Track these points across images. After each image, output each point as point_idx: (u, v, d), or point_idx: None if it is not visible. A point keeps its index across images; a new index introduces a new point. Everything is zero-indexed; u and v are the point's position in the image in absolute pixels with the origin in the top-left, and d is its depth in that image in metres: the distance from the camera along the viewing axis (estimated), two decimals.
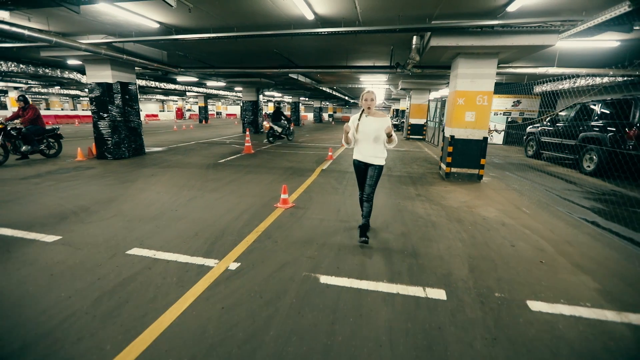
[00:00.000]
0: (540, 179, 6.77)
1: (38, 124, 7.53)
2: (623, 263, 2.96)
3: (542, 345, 1.88)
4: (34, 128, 7.44)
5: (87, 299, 2.24)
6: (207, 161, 7.96)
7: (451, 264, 2.84)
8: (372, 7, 4.71)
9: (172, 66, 8.95)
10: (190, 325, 1.98)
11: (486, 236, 3.51)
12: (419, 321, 2.07)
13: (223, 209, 4.24)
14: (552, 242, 3.40)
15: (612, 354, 1.82)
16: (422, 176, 6.66)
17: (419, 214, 4.19)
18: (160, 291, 2.34)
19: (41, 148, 7.70)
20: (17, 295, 2.28)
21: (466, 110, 5.93)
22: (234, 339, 1.88)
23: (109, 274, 2.57)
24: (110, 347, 1.80)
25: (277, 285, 2.44)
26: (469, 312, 2.17)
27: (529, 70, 7.09)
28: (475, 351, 1.82)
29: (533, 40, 4.74)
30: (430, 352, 1.80)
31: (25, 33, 4.96)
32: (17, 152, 7.26)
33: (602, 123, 7.24)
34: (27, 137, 7.33)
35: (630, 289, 2.52)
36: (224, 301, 2.24)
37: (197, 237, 3.31)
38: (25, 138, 7.33)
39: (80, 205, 4.30)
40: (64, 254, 2.92)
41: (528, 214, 4.34)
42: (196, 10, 4.87)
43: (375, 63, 9.85)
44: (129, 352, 1.76)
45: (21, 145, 7.30)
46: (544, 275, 2.69)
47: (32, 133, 7.38)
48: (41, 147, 7.70)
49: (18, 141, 7.24)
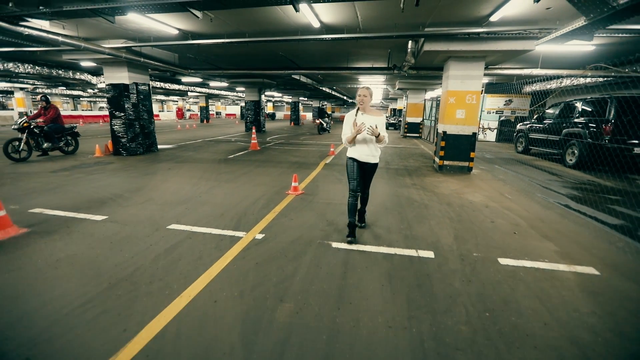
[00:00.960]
0: (526, 172, 7.38)
1: (58, 123, 8.00)
2: (583, 234, 3.56)
3: (505, 284, 2.46)
4: (55, 126, 7.91)
5: (147, 257, 2.81)
6: (217, 157, 8.52)
7: (439, 235, 3.43)
8: (371, 16, 5.29)
9: (183, 68, 9.50)
10: (233, 274, 2.55)
11: (471, 215, 4.09)
12: (412, 271, 2.65)
13: (240, 196, 4.81)
14: (527, 219, 3.99)
15: (557, 289, 2.41)
16: (418, 169, 7.25)
17: (414, 199, 4.77)
18: (203, 253, 2.91)
19: (60, 145, 8.18)
20: (90, 256, 2.83)
21: (457, 108, 6.53)
22: (269, 281, 2.45)
23: (158, 242, 3.14)
24: (176, 286, 2.36)
25: (297, 249, 3.02)
26: (451, 265, 2.76)
27: (515, 71, 7.71)
28: (454, 288, 2.40)
29: (514, 46, 5.34)
30: (419, 289, 2.38)
31: (60, 39, 5.50)
32: (39, 148, 7.75)
33: (582, 120, 7.86)
34: (49, 134, 7.80)
35: (583, 251, 3.11)
36: (256, 259, 2.81)
37: (223, 217, 3.87)
38: (46, 136, 7.80)
39: (114, 193, 4.85)
40: (115, 228, 3.48)
41: (510, 199, 4.93)
42: (215, 19, 5.43)
43: (373, 65, 10.44)
44: (192, 289, 2.33)
45: (43, 142, 7.78)
46: (515, 242, 3.28)
47: (52, 131, 7.86)
48: (60, 144, 8.18)
49: (40, 138, 7.72)
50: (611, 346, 1.83)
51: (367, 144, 3.05)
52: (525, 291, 2.37)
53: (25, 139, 7.35)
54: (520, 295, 2.32)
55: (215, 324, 1.96)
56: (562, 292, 2.38)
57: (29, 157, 7.52)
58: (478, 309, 2.15)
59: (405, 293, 2.33)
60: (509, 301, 2.24)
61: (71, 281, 2.41)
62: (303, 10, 4.62)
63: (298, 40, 5.91)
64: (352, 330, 1.92)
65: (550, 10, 4.50)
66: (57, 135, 8.05)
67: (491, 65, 7.39)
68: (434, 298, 2.27)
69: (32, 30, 5.09)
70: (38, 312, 2.04)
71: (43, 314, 2.02)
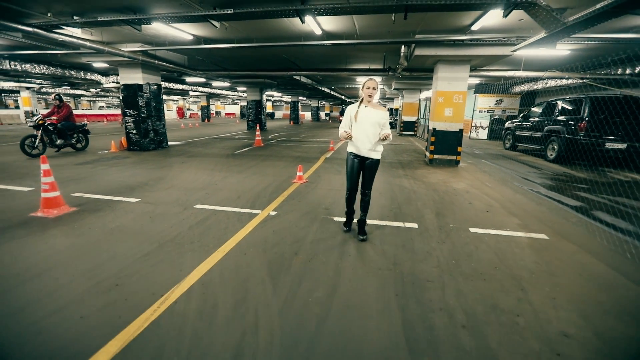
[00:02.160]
0: (510, 165, 8.07)
1: (70, 120, 8.34)
2: (545, 212, 4.22)
3: (471, 244, 3.12)
4: (67, 124, 8.25)
5: (183, 227, 3.44)
6: (225, 152, 9.15)
7: (424, 212, 4.08)
8: (367, 25, 5.94)
9: (191, 69, 10.11)
10: (255, 237, 3.19)
11: (453, 198, 4.76)
12: (399, 236, 3.30)
13: (252, 183, 5.45)
14: (500, 201, 4.66)
15: (511, 248, 3.07)
16: (410, 162, 7.92)
17: (405, 186, 5.43)
18: (228, 224, 3.55)
19: (72, 142, 8.52)
20: (136, 227, 3.47)
21: (445, 107, 7.20)
22: (285, 243, 3.09)
23: (189, 217, 3.77)
24: (212, 245, 3.00)
25: (306, 221, 3.66)
26: (430, 232, 3.41)
27: (500, 73, 8.39)
28: (431, 246, 3.06)
29: (494, 51, 6.01)
30: (404, 248, 3.03)
31: (87, 44, 6.11)
32: (52, 145, 8.12)
33: (562, 118, 8.56)
34: (62, 132, 8.15)
35: (541, 223, 3.78)
36: (273, 228, 3.45)
37: (240, 199, 4.51)
38: (60, 133, 8.15)
39: (139, 182, 5.47)
40: (149, 207, 4.11)
41: (489, 186, 5.60)
42: (229, 27, 6.06)
43: (370, 66, 11.10)
44: (225, 247, 2.96)
45: (56, 139, 8.15)
46: (486, 217, 3.95)
47: (65, 128, 8.21)
48: (72, 141, 8.52)
49: (54, 135, 8.09)
50: (541, 281, 2.49)
51: (368, 138, 2.90)
52: (486, 249, 3.04)
53: (40, 136, 7.74)
54: (481, 251, 2.98)
55: (247, 267, 2.60)
56: (515, 249, 3.05)
57: (43, 153, 7.82)
58: (447, 259, 2.81)
59: (392, 250, 2.98)
60: (471, 254, 2.90)
61: (128, 242, 3.05)
62: (308, 20, 5.26)
63: (302, 46, 6.56)
64: (351, 272, 2.57)
65: (523, 22, 5.17)
66: (69, 132, 8.40)
67: (478, 68, 8.05)
68: (414, 253, 2.92)
69: (65, 37, 5.69)
70: (111, 260, 2.68)
71: (115, 262, 2.66)
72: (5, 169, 6.27)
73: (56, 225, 3.46)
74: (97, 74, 12.94)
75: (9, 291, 2.21)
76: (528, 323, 1.97)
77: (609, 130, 7.42)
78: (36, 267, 2.54)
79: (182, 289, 2.25)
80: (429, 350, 1.74)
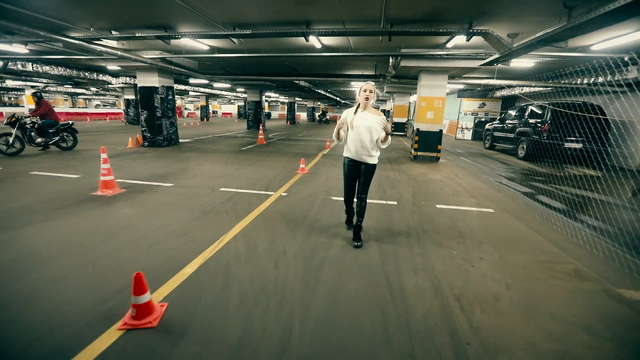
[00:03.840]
0: (485, 162, 9.23)
1: (51, 118, 8.08)
2: (498, 195, 5.34)
3: (434, 214, 4.20)
4: (47, 121, 8.00)
5: (216, 202, 4.46)
6: (232, 149, 10.15)
7: (403, 194, 5.17)
8: (360, 41, 7.01)
9: (201, 73, 11.08)
10: (273, 209, 4.23)
11: (428, 185, 5.85)
12: (381, 209, 4.37)
13: (262, 173, 6.47)
14: (465, 188, 5.76)
15: (464, 217, 4.16)
16: (397, 159, 9.02)
17: (390, 177, 6.52)
18: (251, 201, 4.58)
19: (55, 140, 8.20)
20: (178, 202, 4.47)
21: (427, 110, 8.31)
22: (296, 212, 4.13)
23: (218, 196, 4.79)
24: (242, 213, 4.03)
25: (310, 199, 4.71)
26: (406, 207, 4.49)
27: (476, 81, 9.55)
28: (404, 215, 4.13)
29: (465, 64, 7.14)
30: (385, 215, 4.10)
31: (119, 53, 7.07)
32: (32, 143, 7.89)
33: (530, 121, 9.76)
34: (41, 129, 7.88)
35: (492, 202, 4.88)
36: (285, 203, 4.49)
37: (255, 185, 5.54)
38: (39, 130, 7.89)
39: (166, 171, 6.46)
40: (183, 190, 5.11)
41: (461, 177, 6.72)
42: (244, 41, 7.07)
43: (363, 72, 12.20)
44: (252, 214, 4.00)
45: (36, 137, 7.90)
46: (451, 198, 5.04)
47: (46, 126, 7.93)
48: (55, 139, 8.20)
49: (33, 133, 7.84)
50: (477, 234, 3.58)
51: (364, 143, 2.90)
52: (445, 217, 4.12)
53: (15, 134, 7.51)
54: (441, 218, 4.07)
55: (271, 225, 3.64)
56: (466, 218, 4.14)
57: (21, 152, 7.66)
58: (415, 222, 3.88)
59: (375, 216, 4.05)
60: (433, 220, 3.99)
61: (179, 211, 4.06)
62: (311, 39, 6.31)
63: (303, 56, 7.60)
64: (344, 229, 3.63)
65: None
66: (50, 130, 8.07)
67: (456, 76, 9.19)
68: (392, 218, 3.99)
69: (102, 47, 6.65)
70: (172, 221, 3.69)
71: (176, 222, 3.67)
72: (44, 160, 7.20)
73: (117, 200, 4.45)
74: (108, 75, 13.81)
75: (115, 235, 3.22)
76: (459, 254, 3.05)
77: (568, 132, 8.62)
78: (122, 223, 3.55)
79: (230, 236, 3.29)
80: (393, 264, 2.80)
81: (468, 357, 1.75)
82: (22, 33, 6.11)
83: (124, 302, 2.10)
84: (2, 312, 2.00)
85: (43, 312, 2.01)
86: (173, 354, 1.72)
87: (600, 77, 8.38)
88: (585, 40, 6.13)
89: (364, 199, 3.10)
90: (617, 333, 1.99)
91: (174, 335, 1.85)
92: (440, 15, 4.92)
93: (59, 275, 2.46)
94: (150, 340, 1.80)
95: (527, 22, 5.12)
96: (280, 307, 2.14)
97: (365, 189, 3.08)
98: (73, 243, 3.02)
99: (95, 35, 6.21)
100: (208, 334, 1.87)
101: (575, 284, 2.56)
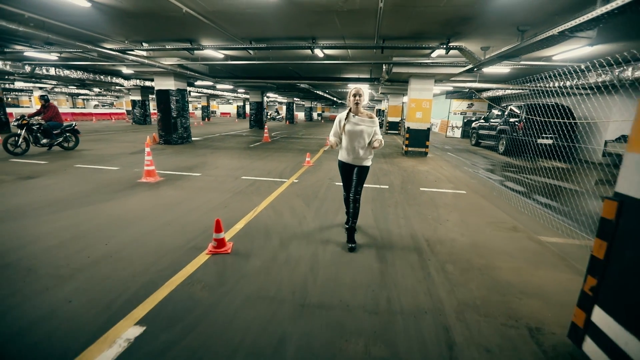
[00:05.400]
0: (468, 157, 10.35)
1: (57, 120, 8.41)
2: (473, 182, 6.44)
3: (418, 194, 5.29)
4: (53, 123, 8.32)
5: (241, 186, 5.50)
6: (242, 146, 11.17)
7: (394, 181, 6.25)
8: (357, 51, 8.08)
9: (211, 77, 12.08)
10: (289, 190, 5.28)
11: (416, 175, 6.94)
12: (375, 192, 5.44)
13: (274, 165, 7.52)
14: (446, 176, 6.86)
15: (441, 196, 5.25)
16: (390, 154, 10.12)
17: (383, 168, 7.60)
18: (270, 185, 5.62)
19: (59, 140, 8.53)
20: (211, 186, 5.51)
21: (416, 110, 9.41)
22: (307, 193, 5.19)
23: (242, 183, 5.82)
24: (265, 194, 5.08)
25: (318, 184, 5.77)
26: (396, 189, 5.57)
27: (460, 84, 10.67)
28: (394, 195, 5.21)
29: (448, 70, 8.24)
30: (378, 195, 5.17)
31: (146, 61, 8.06)
32: (37, 144, 8.18)
33: (510, 120, 10.90)
34: (47, 131, 8.21)
35: (466, 187, 5.98)
36: (298, 187, 5.55)
37: (270, 174, 6.58)
38: (45, 132, 8.21)
39: (190, 164, 7.47)
40: (211, 178, 6.14)
41: (444, 169, 7.82)
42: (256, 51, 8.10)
43: (359, 76, 13.29)
44: (273, 194, 5.04)
45: (41, 138, 8.21)
46: (433, 183, 6.13)
47: (51, 127, 8.27)
48: (59, 140, 8.53)
49: (38, 134, 8.13)
50: (449, 207, 4.66)
51: (356, 148, 3.01)
52: (426, 196, 5.21)
53: (24, 135, 7.84)
54: (423, 197, 5.15)
55: (290, 201, 4.69)
56: (442, 196, 5.23)
57: (26, 152, 8.00)
58: (401, 200, 4.96)
59: (371, 197, 5.12)
60: (416, 198, 5.07)
61: (214, 193, 5.09)
62: (316, 51, 7.36)
63: (307, 64, 8.64)
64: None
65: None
66: (55, 131, 8.40)
67: (443, 80, 10.30)
68: (384, 198, 5.07)
69: (134, 56, 7.64)
70: (212, 199, 4.72)
71: (215, 199, 4.71)
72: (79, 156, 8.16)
73: (160, 185, 5.47)
74: (121, 78, 14.74)
75: (172, 208, 4.25)
76: (432, 218, 4.13)
77: (541, 129, 9.78)
78: (174, 200, 4.58)
79: (261, 207, 4.34)
80: (384, 224, 3.87)
81: (428, 266, 2.82)
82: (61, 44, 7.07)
83: (203, 242, 3.14)
84: (125, 247, 3.04)
85: (153, 247, 3.05)
86: (246, 265, 2.77)
87: (568, 81, 9.54)
88: (548, 52, 7.25)
89: (358, 200, 3.14)
90: (527, 257, 3.08)
91: (243, 257, 2.90)
92: (423, 34, 6.00)
93: (148, 229, 3.49)
94: (229, 260, 2.85)
95: (495, 39, 6.23)
96: (307, 244, 3.20)
97: (359, 189, 3.12)
98: (144, 213, 4.05)
99: (130, 47, 7.20)
100: (264, 257, 2.92)
101: (510, 234, 3.66)
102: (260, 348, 1.81)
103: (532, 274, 2.74)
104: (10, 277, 2.46)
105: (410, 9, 4.74)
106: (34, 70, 10.96)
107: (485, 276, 2.68)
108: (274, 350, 1.80)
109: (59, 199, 4.47)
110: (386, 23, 5.54)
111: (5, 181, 5.40)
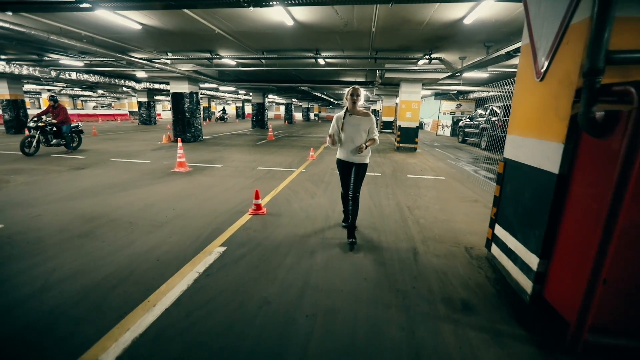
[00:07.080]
0: (454, 152, 11.59)
1: (67, 122, 8.67)
2: (452, 171, 7.65)
3: (404, 180, 6.48)
4: (64, 125, 8.57)
5: (259, 175, 6.64)
6: (249, 143, 12.30)
7: (385, 170, 7.43)
8: (354, 60, 9.27)
9: (220, 80, 13.18)
10: (300, 177, 6.44)
11: (405, 166, 8.14)
12: (371, 178, 6.61)
13: (282, 159, 8.66)
14: (430, 167, 8.06)
15: (424, 181, 6.44)
16: (384, 150, 11.32)
17: (377, 161, 8.79)
18: (283, 174, 6.77)
19: (67, 141, 8.75)
20: (235, 173, 6.64)
21: (406, 111, 10.62)
22: (314, 178, 6.35)
23: (259, 172, 6.96)
24: (281, 179, 6.23)
25: (322, 172, 6.94)
26: (386, 176, 6.75)
27: (445, 87, 11.90)
28: (385, 180, 6.39)
29: (433, 76, 9.46)
30: (373, 181, 6.35)
31: (168, 68, 9.15)
32: (47, 144, 8.45)
33: (491, 119, 12.15)
34: (60, 132, 8.53)
35: (447, 175, 7.18)
36: (307, 175, 6.70)
37: (281, 165, 7.73)
38: (58, 133, 8.55)
39: (209, 158, 8.59)
40: (232, 168, 7.26)
41: (430, 161, 9.03)
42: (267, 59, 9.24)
43: (355, 79, 14.48)
44: (287, 180, 6.20)
45: (52, 139, 8.49)
46: (419, 172, 7.33)
47: (63, 129, 8.52)
48: (67, 141, 8.74)
49: (50, 135, 8.41)
50: (429, 189, 5.86)
51: (355, 145, 3.03)
52: (411, 181, 6.39)
53: (37, 137, 8.18)
54: (409, 182, 6.34)
55: (302, 183, 5.85)
56: (424, 181, 6.42)
57: (37, 152, 8.33)
58: (392, 183, 6.14)
59: (366, 181, 6.29)
60: (404, 182, 6.25)
61: (239, 179, 6.23)
62: (318, 59, 8.53)
63: (309, 69, 9.81)
64: None
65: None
66: (65, 132, 8.62)
67: (430, 84, 11.52)
68: (376, 182, 6.24)
69: (159, 64, 8.73)
70: (239, 182, 5.86)
71: (241, 183, 5.85)
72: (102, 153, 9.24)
73: (191, 174, 6.59)
74: (133, 81, 15.78)
75: (208, 189, 5.38)
76: (413, 193, 5.31)
77: None
78: (207, 184, 5.71)
79: (279, 188, 5.49)
80: (377, 198, 5.04)
81: (408, 225, 4.00)
82: (99, 54, 8.15)
83: (244, 208, 4.29)
84: (188, 211, 4.17)
85: (208, 211, 4.18)
86: (279, 220, 3.92)
87: None
88: (515, 61, 8.49)
89: (357, 199, 3.13)
90: (479, 217, 4.26)
91: (275, 216, 4.06)
92: (409, 47, 7.20)
93: (199, 201, 4.63)
94: (266, 218, 4.00)
95: (469, 51, 7.45)
96: (320, 210, 4.37)
97: (357, 187, 3.11)
98: (190, 191, 5.18)
99: (156, 56, 8.30)
100: (290, 216, 4.08)
101: (471, 204, 4.85)
102: (299, 257, 2.97)
103: (478, 225, 3.94)
104: (121, 226, 3.59)
105: (397, 31, 5.93)
106: (58, 75, 11.98)
107: (446, 225, 3.87)
108: (309, 256, 2.96)
109: (116, 183, 5.59)
110: (378, 39, 6.73)
111: (63, 171, 6.50)
